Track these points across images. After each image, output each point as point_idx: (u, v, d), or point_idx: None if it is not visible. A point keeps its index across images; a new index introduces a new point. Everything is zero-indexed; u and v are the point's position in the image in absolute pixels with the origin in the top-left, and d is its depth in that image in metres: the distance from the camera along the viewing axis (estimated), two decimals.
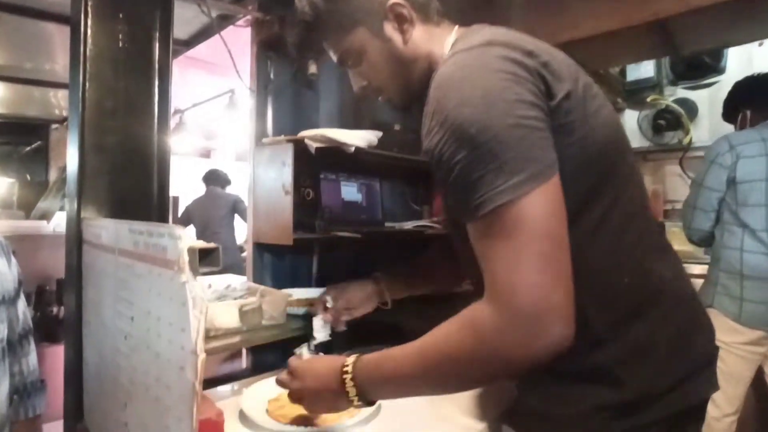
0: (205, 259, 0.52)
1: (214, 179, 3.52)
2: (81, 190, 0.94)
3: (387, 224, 1.76)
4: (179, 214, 3.52)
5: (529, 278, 0.51)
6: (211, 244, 0.53)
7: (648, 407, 0.61)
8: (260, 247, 1.41)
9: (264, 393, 0.90)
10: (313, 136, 1.26)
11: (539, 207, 0.52)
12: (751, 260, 1.60)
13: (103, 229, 0.81)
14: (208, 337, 0.91)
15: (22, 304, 1.01)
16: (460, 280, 1.17)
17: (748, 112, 1.77)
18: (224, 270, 1.29)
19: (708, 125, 2.49)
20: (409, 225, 1.79)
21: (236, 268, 2.60)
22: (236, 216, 3.49)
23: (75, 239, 0.93)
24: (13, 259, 0.98)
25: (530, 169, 0.53)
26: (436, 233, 1.90)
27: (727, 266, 1.66)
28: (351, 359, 0.67)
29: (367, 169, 1.71)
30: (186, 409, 0.52)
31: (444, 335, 0.58)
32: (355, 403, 0.67)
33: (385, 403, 0.90)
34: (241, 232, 3.43)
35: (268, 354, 1.42)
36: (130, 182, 1.00)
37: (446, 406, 0.91)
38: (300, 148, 1.30)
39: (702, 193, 1.71)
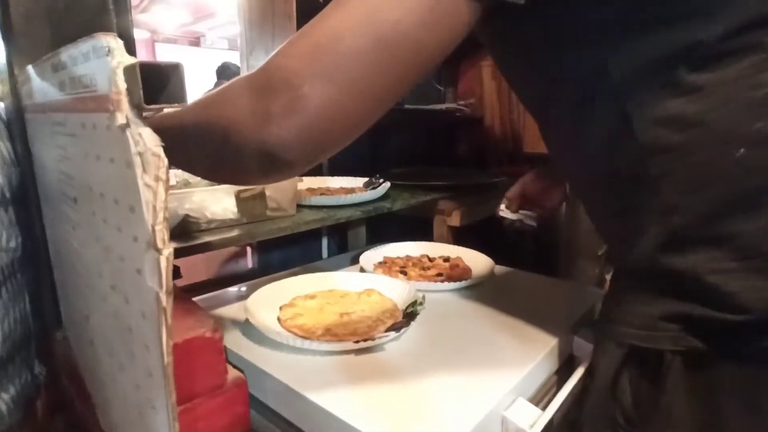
0: (164, 89, 0.29)
1: (227, 73, 3.41)
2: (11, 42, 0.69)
3: (406, 107, 1.51)
4: None
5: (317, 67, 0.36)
6: (169, 61, 0.29)
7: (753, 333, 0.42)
8: None
9: (273, 297, 0.73)
10: None
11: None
12: None
13: (31, 81, 0.57)
14: (200, 230, 0.71)
15: None
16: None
17: None
18: None
19: None
20: (432, 108, 1.53)
21: None
22: None
23: (14, 108, 0.70)
24: None
25: None
26: (464, 117, 1.66)
27: None
28: None
29: None
30: (152, 332, 0.33)
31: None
32: None
33: (430, 318, 0.73)
34: None
35: (277, 252, 1.25)
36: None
37: (510, 314, 0.74)
38: None
39: None
